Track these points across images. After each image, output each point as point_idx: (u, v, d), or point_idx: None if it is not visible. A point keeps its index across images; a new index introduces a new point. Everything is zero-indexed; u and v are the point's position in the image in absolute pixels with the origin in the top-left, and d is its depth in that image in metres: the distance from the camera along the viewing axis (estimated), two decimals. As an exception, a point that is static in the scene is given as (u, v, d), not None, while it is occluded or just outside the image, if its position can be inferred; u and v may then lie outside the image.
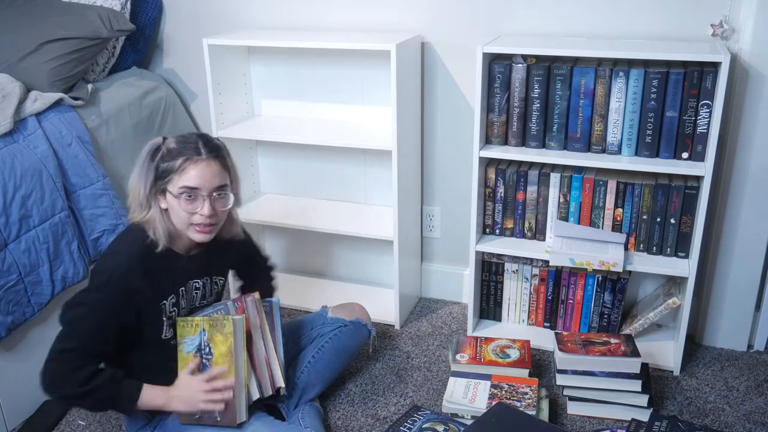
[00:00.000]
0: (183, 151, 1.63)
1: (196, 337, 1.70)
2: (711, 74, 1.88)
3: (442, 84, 2.34)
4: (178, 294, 1.73)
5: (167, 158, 1.62)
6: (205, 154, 1.64)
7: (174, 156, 1.62)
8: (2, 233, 1.85)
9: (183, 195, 1.62)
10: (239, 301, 1.76)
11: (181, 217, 1.65)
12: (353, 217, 2.48)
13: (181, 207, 1.63)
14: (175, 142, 1.65)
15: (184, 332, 1.72)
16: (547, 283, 2.30)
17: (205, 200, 1.64)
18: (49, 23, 2.22)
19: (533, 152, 2.09)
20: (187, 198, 1.62)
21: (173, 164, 1.61)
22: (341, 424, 1.96)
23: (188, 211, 1.63)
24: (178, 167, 1.61)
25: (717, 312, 2.24)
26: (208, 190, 1.64)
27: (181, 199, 1.62)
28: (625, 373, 1.91)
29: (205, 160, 1.63)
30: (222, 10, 2.52)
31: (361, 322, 2.05)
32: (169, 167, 1.62)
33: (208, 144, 1.66)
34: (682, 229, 2.06)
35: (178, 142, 1.65)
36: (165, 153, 1.63)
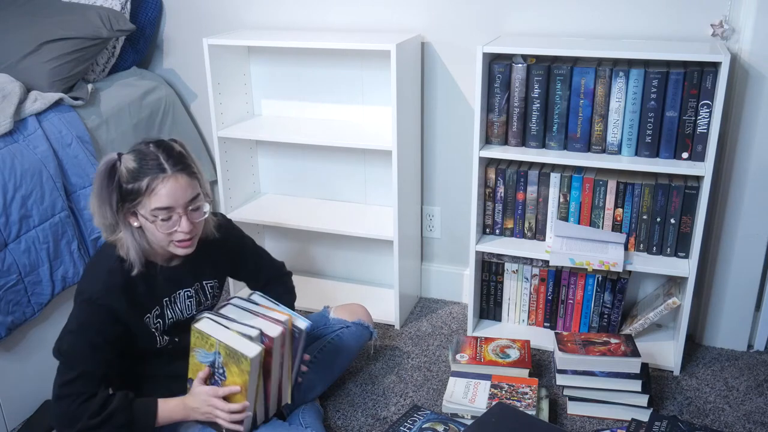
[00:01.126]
0: (145, 170, 1.53)
1: (210, 355, 1.62)
2: (711, 74, 1.88)
3: (442, 84, 2.34)
4: (162, 305, 1.69)
5: (130, 179, 1.54)
6: (171, 170, 1.54)
7: (137, 176, 1.53)
8: (2, 233, 1.85)
9: (158, 217, 1.55)
10: (267, 338, 1.60)
11: (159, 237, 1.58)
12: (353, 217, 2.48)
13: (157, 228, 1.56)
14: (134, 159, 1.55)
15: (197, 343, 1.64)
16: (547, 283, 2.30)
17: (181, 217, 1.57)
18: (49, 23, 2.22)
19: (533, 152, 2.09)
20: (162, 219, 1.55)
21: (139, 186, 1.53)
22: (341, 424, 1.96)
23: (166, 231, 1.57)
24: (145, 189, 1.53)
25: (717, 312, 2.24)
26: (182, 206, 1.57)
27: (157, 221, 1.55)
28: (625, 373, 1.91)
29: (172, 176, 1.54)
30: (222, 10, 2.52)
31: (363, 323, 2.05)
32: (135, 189, 1.53)
33: (170, 157, 1.56)
34: (682, 229, 2.06)
35: (137, 159, 1.55)
36: (125, 173, 1.54)
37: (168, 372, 1.73)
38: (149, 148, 1.58)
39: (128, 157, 1.57)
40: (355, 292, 2.62)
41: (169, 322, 1.71)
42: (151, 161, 1.55)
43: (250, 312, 1.70)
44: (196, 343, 1.64)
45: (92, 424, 1.55)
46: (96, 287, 1.58)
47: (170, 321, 1.71)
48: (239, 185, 2.56)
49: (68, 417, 1.57)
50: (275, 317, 1.67)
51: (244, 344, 1.58)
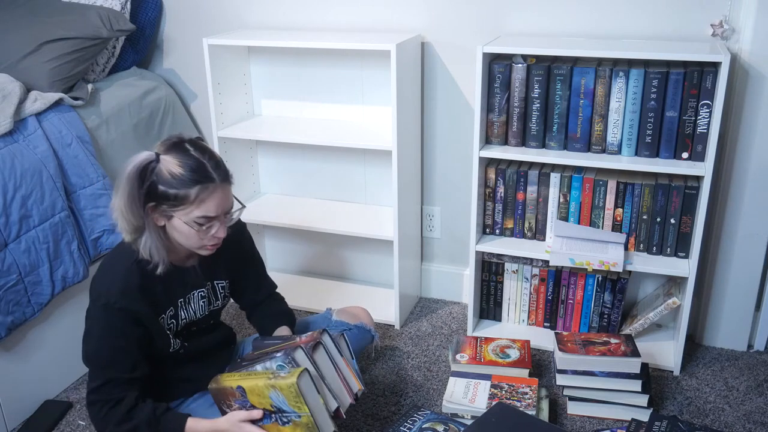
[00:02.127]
0: (195, 178, 1.50)
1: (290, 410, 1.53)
2: (711, 74, 1.88)
3: (442, 84, 2.34)
4: (177, 306, 1.68)
5: (175, 185, 1.49)
6: (218, 180, 1.53)
7: (185, 183, 1.49)
8: (2, 233, 1.85)
9: (202, 225, 1.54)
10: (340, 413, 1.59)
11: (192, 241, 1.57)
12: (353, 217, 2.48)
13: (195, 233, 1.54)
14: (180, 164, 1.50)
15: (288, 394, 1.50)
16: (547, 283, 2.30)
17: (220, 223, 1.57)
18: (49, 23, 2.22)
19: (533, 152, 2.09)
20: (204, 226, 1.55)
21: (186, 193, 1.49)
22: (341, 424, 1.95)
23: (203, 236, 1.56)
24: (194, 198, 1.50)
25: (717, 312, 2.24)
26: (224, 214, 1.58)
27: (198, 228, 1.54)
28: (625, 373, 1.91)
29: (220, 186, 1.54)
30: (222, 10, 2.52)
31: (365, 326, 2.04)
32: (182, 195, 1.49)
33: (217, 166, 1.55)
34: (682, 229, 2.06)
35: (183, 165, 1.50)
36: (168, 177, 1.49)
37: (177, 376, 1.72)
38: (193, 152, 1.53)
39: (170, 159, 1.50)
40: (355, 292, 2.62)
41: (182, 323, 1.70)
42: (200, 169, 1.51)
43: (333, 364, 1.62)
44: (285, 392, 1.51)
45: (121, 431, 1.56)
46: (114, 290, 1.55)
47: (183, 322, 1.70)
48: (239, 185, 2.56)
49: (97, 422, 1.59)
50: (348, 382, 1.63)
51: (326, 421, 1.55)
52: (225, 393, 1.61)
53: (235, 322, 2.47)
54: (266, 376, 1.53)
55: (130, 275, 1.57)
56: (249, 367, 1.60)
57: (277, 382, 1.50)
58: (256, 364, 1.59)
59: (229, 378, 1.60)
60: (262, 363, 1.58)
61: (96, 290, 1.58)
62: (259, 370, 1.57)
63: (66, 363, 2.14)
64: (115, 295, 1.54)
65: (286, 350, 1.58)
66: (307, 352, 1.56)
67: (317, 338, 1.60)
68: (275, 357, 1.57)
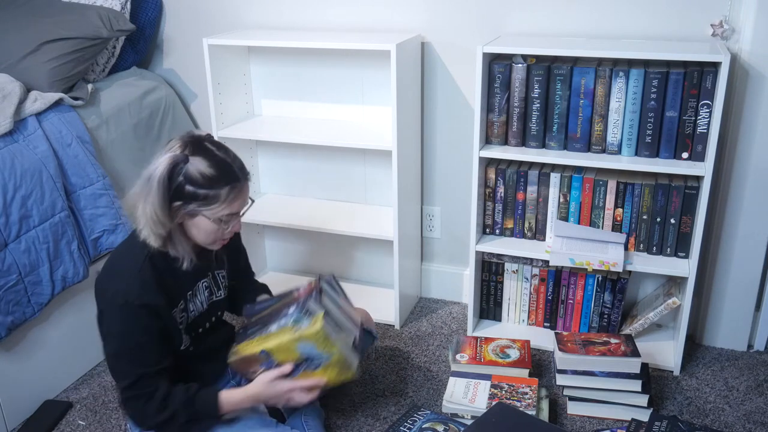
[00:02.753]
0: (225, 178, 1.56)
1: (319, 354, 1.64)
2: (711, 74, 1.88)
3: (442, 84, 2.34)
4: (186, 299, 1.70)
5: (205, 184, 1.53)
6: (243, 179, 1.60)
7: (216, 183, 1.54)
8: (2, 233, 1.85)
9: (228, 222, 1.60)
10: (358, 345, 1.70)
11: (211, 237, 1.62)
12: (353, 217, 2.48)
13: (216, 229, 1.60)
14: (209, 165, 1.54)
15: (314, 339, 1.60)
16: (547, 283, 2.30)
17: (238, 218, 1.64)
18: (49, 23, 2.22)
19: (533, 152, 2.09)
20: (227, 223, 1.61)
21: (216, 193, 1.55)
22: (341, 424, 1.96)
23: (223, 231, 1.61)
24: (224, 198, 1.56)
25: (717, 312, 2.24)
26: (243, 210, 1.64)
27: (222, 224, 1.59)
28: (625, 373, 1.91)
29: (244, 184, 1.61)
30: (222, 10, 2.52)
31: (366, 328, 2.04)
32: (212, 195, 1.54)
33: (242, 167, 1.62)
34: (682, 229, 2.06)
35: (213, 166, 1.54)
36: (198, 177, 1.53)
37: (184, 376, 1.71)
38: (217, 152, 1.57)
39: (199, 160, 1.54)
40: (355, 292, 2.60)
41: (191, 316, 1.73)
42: (229, 170, 1.57)
43: (336, 305, 1.73)
44: (313, 339, 1.61)
45: (159, 421, 1.60)
46: (132, 287, 1.56)
47: (192, 315, 1.73)
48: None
49: (136, 418, 1.64)
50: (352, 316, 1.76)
51: (350, 354, 1.69)
52: (249, 361, 1.66)
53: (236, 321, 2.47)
54: (289, 332, 1.61)
55: (144, 271, 1.59)
56: (262, 331, 1.66)
57: (303, 333, 1.59)
58: (269, 326, 1.65)
59: (248, 346, 1.65)
60: (276, 322, 1.65)
61: (110, 291, 1.58)
62: (275, 329, 1.64)
63: (66, 363, 2.14)
64: (135, 291, 1.56)
65: (297, 304, 1.65)
66: (317, 300, 1.65)
67: (317, 286, 1.69)
68: (288, 314, 1.64)
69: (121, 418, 2.00)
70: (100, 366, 2.25)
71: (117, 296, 1.56)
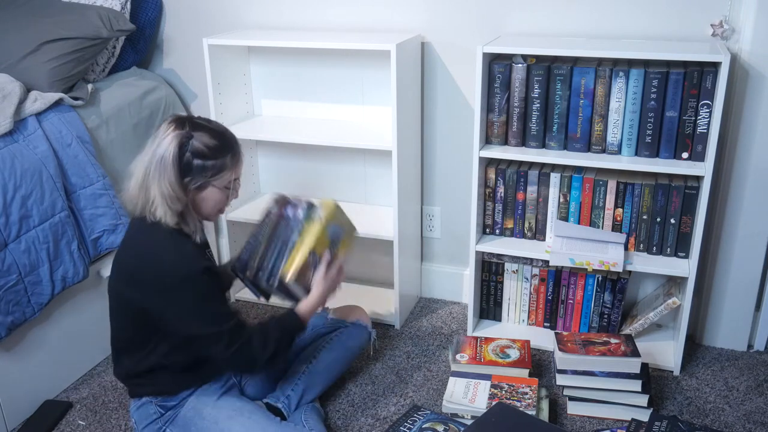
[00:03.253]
0: (227, 146, 1.66)
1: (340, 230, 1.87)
2: (711, 74, 1.88)
3: (442, 84, 2.34)
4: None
5: (212, 155, 1.63)
6: (238, 144, 1.71)
7: (221, 151, 1.64)
8: (2, 233, 1.85)
9: (233, 188, 1.70)
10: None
11: (219, 205, 1.71)
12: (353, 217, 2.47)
13: (224, 196, 1.69)
14: (211, 137, 1.63)
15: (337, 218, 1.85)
16: (547, 283, 2.30)
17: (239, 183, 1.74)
18: (49, 23, 2.21)
19: (533, 152, 2.09)
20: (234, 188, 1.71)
21: (223, 161, 1.64)
22: (341, 424, 1.96)
23: (228, 197, 1.71)
24: (230, 164, 1.66)
25: (717, 312, 2.24)
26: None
27: (229, 190, 1.70)
28: (625, 373, 1.91)
29: (240, 148, 1.71)
30: (222, 10, 2.52)
31: (361, 323, 2.06)
32: (219, 164, 1.64)
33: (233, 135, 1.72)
34: (682, 229, 2.06)
35: (216, 137, 1.64)
36: (205, 150, 1.62)
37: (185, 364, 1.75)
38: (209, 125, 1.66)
39: (200, 134, 1.62)
40: (355, 292, 2.62)
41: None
42: (227, 137, 1.68)
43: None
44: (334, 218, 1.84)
45: (267, 356, 1.69)
46: (186, 258, 1.63)
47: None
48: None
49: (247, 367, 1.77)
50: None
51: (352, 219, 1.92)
52: (304, 271, 1.79)
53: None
54: (316, 224, 1.80)
55: (182, 243, 1.65)
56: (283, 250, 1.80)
57: (326, 216, 1.81)
58: (287, 241, 1.80)
59: (292, 262, 1.78)
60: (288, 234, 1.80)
61: (163, 272, 1.61)
62: (297, 237, 1.79)
63: (66, 363, 2.14)
64: (190, 261, 1.63)
65: (290, 210, 1.83)
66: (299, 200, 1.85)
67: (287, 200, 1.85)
68: (293, 220, 1.81)
69: (121, 418, 2.00)
70: (100, 366, 2.25)
71: (177, 273, 1.61)
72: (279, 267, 1.80)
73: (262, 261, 1.82)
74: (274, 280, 1.80)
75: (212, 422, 1.73)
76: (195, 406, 1.76)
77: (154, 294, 1.62)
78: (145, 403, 1.77)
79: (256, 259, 1.82)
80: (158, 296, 1.62)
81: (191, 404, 1.76)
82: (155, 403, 1.76)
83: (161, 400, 1.76)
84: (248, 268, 1.82)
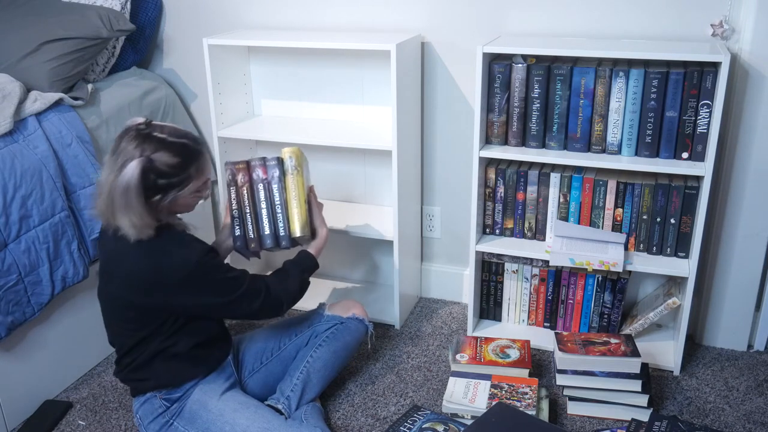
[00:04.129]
0: (189, 158, 1.67)
1: (306, 166, 1.99)
2: (711, 74, 1.88)
3: (442, 84, 2.34)
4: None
5: (175, 172, 1.64)
6: (202, 149, 1.73)
7: (183, 166, 1.66)
8: (2, 233, 1.85)
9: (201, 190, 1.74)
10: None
11: (190, 206, 1.76)
12: (353, 217, 2.48)
13: (195, 197, 1.74)
14: (170, 154, 1.63)
15: (302, 159, 1.94)
16: (547, 283, 2.30)
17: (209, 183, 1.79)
18: (49, 23, 2.21)
19: (533, 152, 2.09)
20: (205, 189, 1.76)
21: (188, 174, 1.67)
22: (341, 424, 1.96)
23: (200, 196, 1.76)
24: (194, 175, 1.68)
25: (717, 312, 2.24)
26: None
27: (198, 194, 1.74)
28: (625, 373, 1.91)
29: (204, 153, 1.73)
30: (222, 10, 2.52)
31: (358, 318, 2.05)
32: (184, 177, 1.67)
33: (195, 140, 1.72)
34: (682, 229, 2.06)
35: (176, 154, 1.64)
36: (167, 169, 1.63)
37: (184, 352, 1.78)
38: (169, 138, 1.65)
39: (160, 155, 1.62)
40: (355, 292, 2.62)
41: None
42: (188, 149, 1.68)
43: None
44: (302, 161, 1.94)
45: (293, 290, 1.85)
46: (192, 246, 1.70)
47: None
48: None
49: (279, 308, 1.83)
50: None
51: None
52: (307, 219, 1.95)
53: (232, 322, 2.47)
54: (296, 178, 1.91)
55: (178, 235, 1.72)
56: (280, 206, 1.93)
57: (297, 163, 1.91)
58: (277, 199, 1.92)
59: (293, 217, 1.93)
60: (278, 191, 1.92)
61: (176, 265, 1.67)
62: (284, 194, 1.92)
63: (66, 363, 2.14)
64: (196, 247, 1.70)
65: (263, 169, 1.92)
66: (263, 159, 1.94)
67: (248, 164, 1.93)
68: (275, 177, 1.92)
69: (121, 418, 2.00)
70: (100, 366, 2.25)
71: (188, 261, 1.66)
72: (283, 228, 1.94)
73: (260, 230, 1.94)
74: (286, 242, 1.95)
75: (218, 415, 1.75)
76: (200, 399, 1.77)
77: (178, 293, 1.68)
78: (150, 398, 1.78)
79: (253, 231, 1.92)
80: (184, 292, 1.68)
81: (196, 397, 1.77)
82: (160, 397, 1.77)
83: (165, 393, 1.77)
84: (250, 241, 1.93)
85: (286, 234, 1.95)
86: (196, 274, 1.67)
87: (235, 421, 1.74)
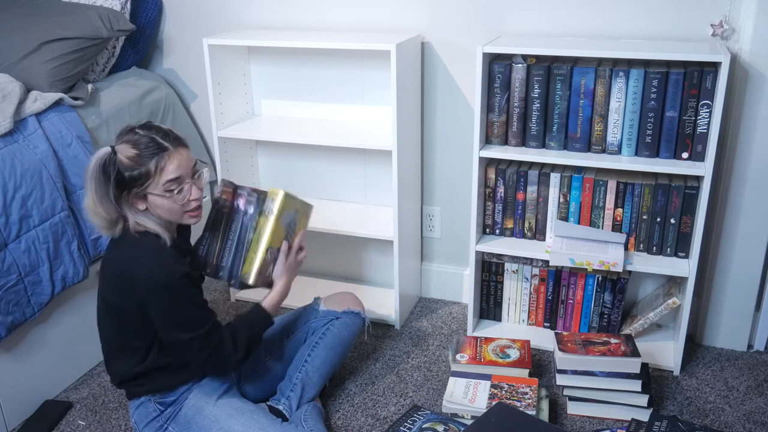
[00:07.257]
0: (149, 152, 1.62)
1: (291, 214, 1.88)
2: (711, 74, 1.88)
3: (442, 84, 2.34)
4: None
5: (134, 166, 1.61)
6: (172, 147, 1.64)
7: (142, 161, 1.61)
8: (2, 233, 1.85)
9: (173, 191, 1.65)
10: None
11: (174, 210, 1.68)
12: (353, 217, 2.48)
13: (173, 201, 1.66)
14: (132, 147, 1.61)
15: (287, 206, 1.85)
16: (547, 283, 2.30)
17: (191, 186, 1.69)
18: (49, 23, 2.22)
19: (533, 152, 2.09)
20: (176, 192, 1.65)
21: (146, 169, 1.61)
22: (341, 424, 1.96)
23: (181, 202, 1.67)
24: (155, 169, 1.62)
25: (717, 312, 2.24)
26: (189, 175, 1.68)
27: (172, 195, 1.65)
28: (625, 373, 1.91)
29: (175, 151, 1.65)
30: (222, 10, 2.52)
31: (353, 311, 2.03)
32: (143, 172, 1.61)
33: (167, 136, 1.66)
34: (682, 229, 2.06)
35: (137, 145, 1.61)
36: (127, 162, 1.60)
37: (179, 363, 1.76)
38: (141, 132, 1.64)
39: (123, 147, 1.62)
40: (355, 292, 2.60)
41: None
42: (150, 144, 1.62)
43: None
44: (286, 207, 1.85)
45: (239, 358, 1.73)
46: (168, 265, 1.64)
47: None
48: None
49: (221, 369, 1.78)
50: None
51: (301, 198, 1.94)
52: (263, 269, 1.83)
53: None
54: (269, 218, 1.82)
55: (164, 249, 1.67)
56: (244, 246, 1.83)
57: (278, 209, 1.82)
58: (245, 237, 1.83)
59: (251, 262, 1.82)
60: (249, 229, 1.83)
61: (146, 279, 1.63)
62: (252, 234, 1.83)
63: (66, 363, 2.14)
64: (171, 267, 1.64)
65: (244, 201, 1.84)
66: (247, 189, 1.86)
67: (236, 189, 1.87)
68: (245, 215, 1.83)
69: (121, 418, 2.00)
70: (100, 366, 2.25)
71: (156, 281, 1.62)
72: (238, 267, 1.83)
73: (220, 259, 1.85)
74: (235, 282, 1.84)
75: (213, 420, 1.74)
76: (196, 404, 1.76)
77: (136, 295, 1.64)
78: (144, 402, 1.78)
79: (214, 257, 1.85)
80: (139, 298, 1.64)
81: (192, 402, 1.76)
82: (154, 401, 1.77)
83: (159, 397, 1.77)
84: (208, 266, 1.86)
85: (238, 275, 1.84)
86: (154, 294, 1.63)
87: (231, 427, 1.72)
